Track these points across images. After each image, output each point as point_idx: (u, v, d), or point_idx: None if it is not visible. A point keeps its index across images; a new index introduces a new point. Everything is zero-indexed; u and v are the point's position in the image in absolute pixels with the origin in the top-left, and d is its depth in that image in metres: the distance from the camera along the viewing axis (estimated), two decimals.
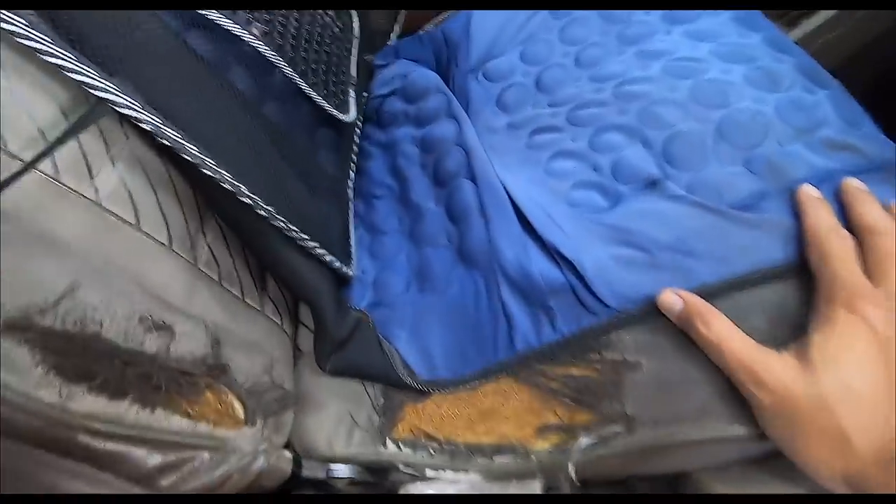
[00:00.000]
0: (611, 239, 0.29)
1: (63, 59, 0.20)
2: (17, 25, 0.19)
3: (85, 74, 0.21)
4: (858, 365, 0.21)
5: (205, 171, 0.23)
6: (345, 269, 0.32)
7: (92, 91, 0.21)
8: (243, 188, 0.25)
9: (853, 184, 0.26)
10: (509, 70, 0.43)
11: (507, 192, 0.34)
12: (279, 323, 0.32)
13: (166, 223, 0.26)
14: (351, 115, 0.39)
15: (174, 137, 0.22)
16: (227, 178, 0.24)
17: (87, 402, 0.18)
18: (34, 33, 0.20)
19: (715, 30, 0.37)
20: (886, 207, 0.26)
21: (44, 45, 0.20)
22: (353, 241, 0.37)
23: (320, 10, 0.42)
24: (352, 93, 0.41)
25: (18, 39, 0.19)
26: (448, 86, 0.44)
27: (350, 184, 0.41)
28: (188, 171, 0.26)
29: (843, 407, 0.20)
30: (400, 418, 0.29)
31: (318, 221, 0.33)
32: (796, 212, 0.27)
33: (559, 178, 0.34)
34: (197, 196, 0.29)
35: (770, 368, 0.22)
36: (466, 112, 0.41)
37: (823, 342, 0.22)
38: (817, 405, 0.21)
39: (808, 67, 0.34)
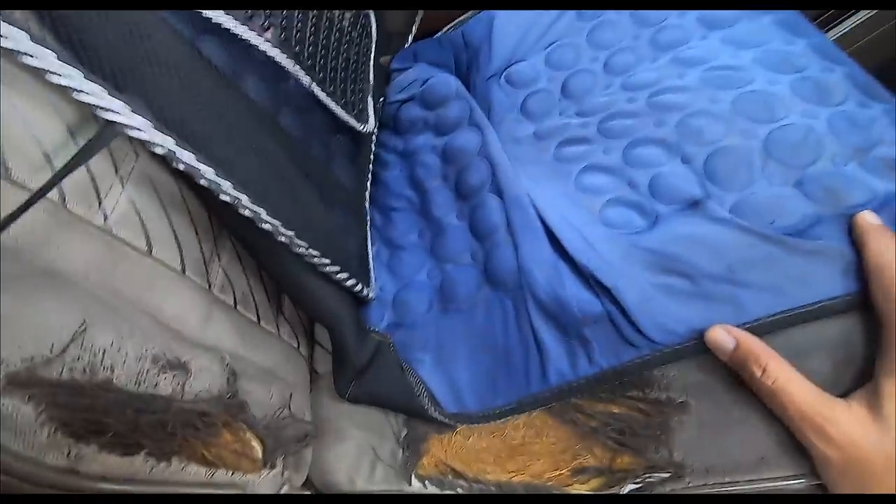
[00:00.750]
0: (652, 265, 0.27)
1: (69, 77, 0.19)
2: (19, 42, 0.18)
3: (92, 94, 0.19)
4: None
5: (222, 196, 0.21)
6: (365, 290, 0.30)
7: (101, 113, 0.19)
8: (262, 213, 0.23)
9: None
10: (534, 75, 0.41)
11: (536, 210, 0.32)
12: (296, 346, 0.31)
13: (179, 247, 0.24)
14: (370, 124, 0.37)
15: (189, 162, 0.20)
16: (245, 204, 0.22)
17: (97, 462, 0.16)
18: (38, 49, 0.18)
19: (756, 36, 0.35)
20: None
21: (48, 63, 0.18)
22: (371, 257, 0.35)
23: (338, 13, 0.40)
24: (370, 100, 0.39)
25: (22, 58, 0.17)
26: (468, 91, 0.42)
27: (367, 194, 0.40)
28: (202, 192, 0.25)
29: None
30: (425, 451, 0.28)
31: (337, 239, 0.31)
32: (855, 239, 0.25)
33: (591, 194, 0.33)
34: (211, 216, 0.27)
35: (837, 421, 0.20)
36: (488, 119, 0.39)
37: None
38: (892, 463, 0.19)
39: (859, 78, 0.32)
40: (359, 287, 0.29)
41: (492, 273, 0.32)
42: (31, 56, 0.18)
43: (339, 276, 0.27)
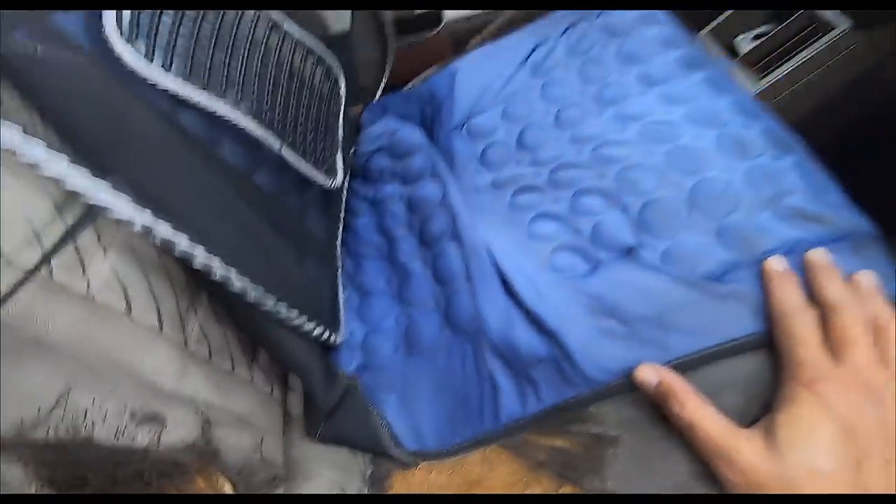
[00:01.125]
0: (592, 308, 0.30)
1: (57, 165, 0.21)
2: (13, 137, 0.20)
3: (77, 179, 0.21)
4: (821, 446, 0.22)
5: (195, 264, 0.24)
6: (333, 337, 0.32)
7: (86, 196, 0.21)
8: (233, 274, 0.25)
9: (816, 257, 0.28)
10: (492, 127, 0.45)
11: (493, 257, 0.35)
12: (269, 391, 0.33)
13: (158, 306, 0.27)
14: (338, 179, 0.40)
15: (164, 235, 0.23)
16: (217, 267, 0.24)
17: None
18: (30, 141, 0.21)
19: (688, 92, 0.39)
20: (850, 279, 0.27)
21: (38, 155, 0.21)
22: (341, 304, 0.38)
23: (308, 72, 0.43)
24: (339, 154, 0.42)
25: (17, 157, 0.20)
26: (434, 142, 0.46)
27: (338, 242, 0.42)
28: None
29: (808, 487, 0.21)
30: (388, 487, 0.30)
31: (308, 291, 0.33)
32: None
33: (541, 241, 0.35)
34: (188, 274, 0.30)
35: (739, 450, 0.23)
36: (451, 169, 0.42)
37: (788, 424, 0.23)
38: (784, 486, 0.22)
39: (774, 133, 0.35)
40: (327, 335, 0.31)
41: (452, 318, 0.34)
42: (27, 152, 0.20)
43: (307, 326, 0.29)
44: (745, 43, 0.63)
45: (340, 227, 0.42)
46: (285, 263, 0.32)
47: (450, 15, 0.58)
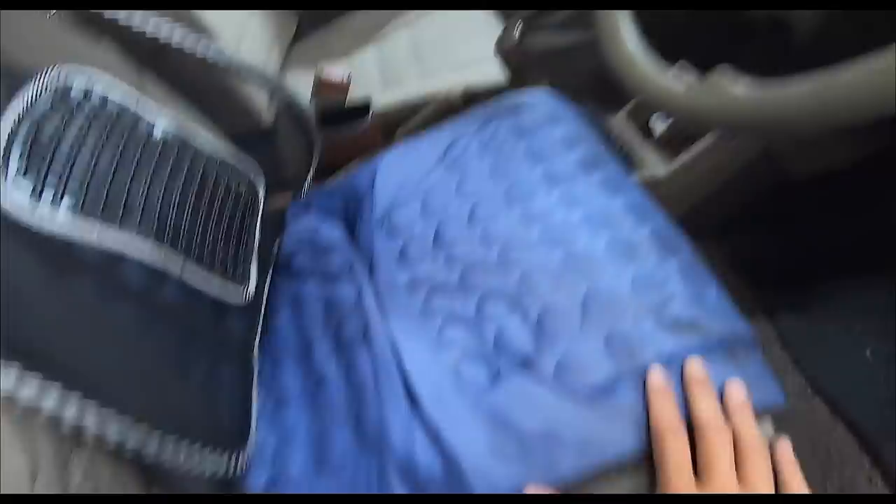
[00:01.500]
0: (492, 423, 0.31)
1: None
2: None
3: None
4: None
5: (63, 426, 0.24)
6: (233, 462, 0.32)
7: None
8: (108, 422, 0.25)
9: (691, 371, 0.29)
10: (410, 222, 0.46)
11: (402, 365, 0.35)
12: None
13: (34, 451, 0.26)
14: (250, 288, 0.40)
15: (28, 396, 0.23)
16: (89, 426, 0.24)
17: None
18: None
19: (584, 194, 0.41)
20: (723, 391, 0.29)
21: None
22: (253, 412, 0.37)
23: (222, 184, 0.42)
24: (254, 261, 0.42)
25: None
26: (355, 238, 0.47)
27: (256, 344, 0.42)
28: None
29: None
30: None
31: (212, 410, 0.33)
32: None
33: (450, 347, 0.36)
34: None
35: None
36: (370, 267, 0.43)
37: None
38: None
39: (662, 233, 0.38)
40: (224, 462, 0.31)
41: (361, 431, 0.34)
42: None
43: (199, 458, 0.29)
44: (659, 123, 0.67)
45: (258, 329, 0.42)
46: (186, 388, 0.32)
47: (378, 106, 0.61)
